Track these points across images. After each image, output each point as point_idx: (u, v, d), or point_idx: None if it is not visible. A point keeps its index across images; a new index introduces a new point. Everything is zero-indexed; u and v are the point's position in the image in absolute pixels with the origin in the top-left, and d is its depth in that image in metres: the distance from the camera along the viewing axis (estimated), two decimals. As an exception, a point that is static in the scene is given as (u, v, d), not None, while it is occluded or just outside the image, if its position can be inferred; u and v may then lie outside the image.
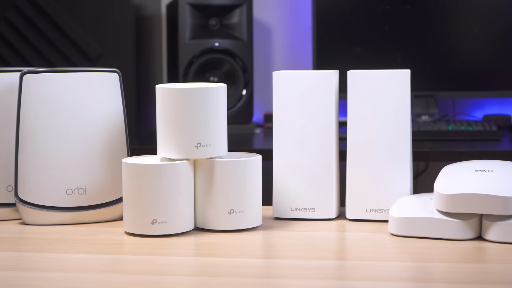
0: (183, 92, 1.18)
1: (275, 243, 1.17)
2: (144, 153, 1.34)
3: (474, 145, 2.42)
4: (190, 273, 1.04)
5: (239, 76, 2.74)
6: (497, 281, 0.98)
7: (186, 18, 2.72)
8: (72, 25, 2.55)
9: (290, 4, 2.96)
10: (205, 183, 1.20)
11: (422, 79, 2.76)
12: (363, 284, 0.98)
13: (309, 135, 1.27)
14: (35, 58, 2.57)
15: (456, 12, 2.76)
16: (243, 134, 2.71)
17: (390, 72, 1.25)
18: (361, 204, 1.26)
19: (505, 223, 1.12)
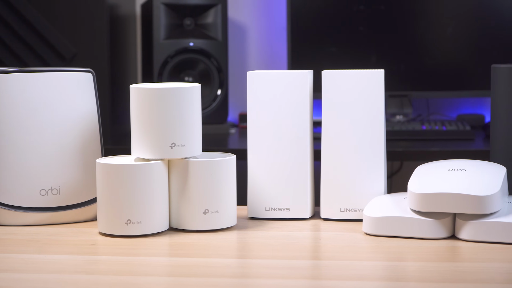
0: (157, 92, 1.18)
1: (249, 243, 1.17)
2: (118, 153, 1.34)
3: (448, 145, 2.44)
4: (164, 273, 1.04)
5: (214, 76, 2.74)
6: (470, 280, 0.98)
7: (160, 18, 2.72)
8: (46, 25, 2.54)
9: (265, 4, 2.96)
10: (180, 183, 1.20)
11: (397, 79, 2.77)
12: (337, 284, 0.98)
13: (283, 135, 1.27)
14: (8, 58, 2.55)
15: (430, 13, 2.77)
16: (218, 134, 2.71)
17: (364, 72, 1.25)
18: (336, 203, 1.26)
19: (478, 222, 1.12)
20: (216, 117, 2.75)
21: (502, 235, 1.11)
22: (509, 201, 1.17)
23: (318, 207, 1.30)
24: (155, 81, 2.70)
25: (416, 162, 1.68)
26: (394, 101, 2.78)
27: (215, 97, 2.75)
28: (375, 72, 1.25)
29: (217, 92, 2.75)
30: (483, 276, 1.00)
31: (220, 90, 2.75)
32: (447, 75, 2.77)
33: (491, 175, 1.16)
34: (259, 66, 2.96)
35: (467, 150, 2.36)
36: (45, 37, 2.54)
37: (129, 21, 2.90)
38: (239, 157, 1.35)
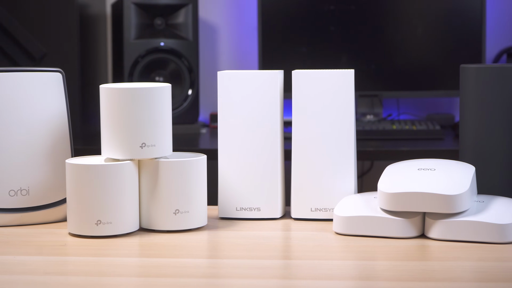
0: (127, 92, 1.18)
1: (220, 243, 1.17)
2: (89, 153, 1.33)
3: (418, 144, 2.45)
4: (134, 273, 1.04)
5: (184, 76, 2.74)
6: (439, 279, 0.99)
7: (131, 17, 2.71)
8: (16, 25, 2.52)
9: (236, 4, 2.96)
10: (150, 184, 1.19)
11: (367, 79, 2.78)
12: (308, 283, 0.98)
13: (254, 135, 1.27)
14: (-23, 58, 2.53)
15: (400, 13, 2.79)
16: (189, 134, 2.71)
17: (334, 72, 1.25)
18: (306, 203, 1.26)
19: (447, 221, 1.13)
20: (187, 117, 2.75)
21: (471, 234, 1.12)
22: (478, 200, 1.18)
23: (289, 207, 1.30)
24: (125, 81, 2.69)
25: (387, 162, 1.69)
26: (365, 101, 2.79)
27: (186, 97, 2.75)
28: (345, 72, 1.25)
29: (188, 92, 2.75)
30: (452, 274, 1.00)
31: (191, 90, 2.75)
32: (417, 75, 2.79)
33: (460, 175, 1.16)
34: (230, 66, 2.96)
35: (437, 150, 2.38)
36: (15, 36, 2.52)
37: (100, 20, 2.89)
38: (210, 157, 1.35)
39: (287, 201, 1.31)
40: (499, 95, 1.23)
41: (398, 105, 2.91)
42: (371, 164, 2.87)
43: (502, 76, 1.23)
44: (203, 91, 2.88)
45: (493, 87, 1.23)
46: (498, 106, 1.23)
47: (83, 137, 2.58)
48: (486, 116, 1.23)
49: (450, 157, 1.29)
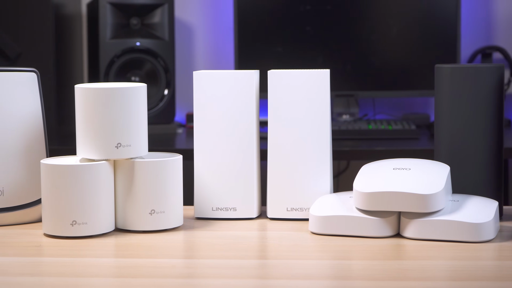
0: (102, 92, 1.18)
1: (196, 243, 1.17)
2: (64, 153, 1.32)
3: (394, 144, 2.46)
4: (110, 274, 1.03)
5: (160, 75, 2.73)
6: (414, 278, 0.99)
7: (107, 17, 2.70)
8: (-10, 24, 2.51)
9: (212, 4, 2.96)
10: (126, 184, 1.19)
11: (343, 78, 2.79)
12: (284, 283, 0.99)
13: (230, 135, 1.27)
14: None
15: (375, 13, 2.80)
16: (165, 134, 2.70)
17: (310, 72, 1.26)
18: (282, 203, 1.27)
19: (422, 220, 1.14)
20: (163, 117, 2.74)
21: (446, 233, 1.13)
22: (453, 200, 1.18)
23: (265, 207, 1.30)
24: (101, 81, 2.68)
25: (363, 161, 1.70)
26: (341, 100, 2.80)
27: (162, 97, 2.74)
28: (321, 72, 1.26)
29: (164, 92, 2.74)
30: (427, 273, 1.01)
31: (167, 90, 2.74)
32: (393, 75, 2.80)
33: (435, 174, 1.17)
34: (206, 66, 2.96)
35: (412, 149, 2.39)
36: (-11, 36, 2.51)
37: (75, 20, 2.87)
38: (186, 157, 1.35)
39: (263, 201, 1.32)
40: (474, 95, 1.24)
41: (374, 105, 2.92)
42: (347, 163, 2.88)
43: (476, 76, 1.24)
44: (179, 91, 2.87)
45: (468, 87, 1.24)
46: (473, 106, 1.24)
47: (58, 137, 2.57)
48: (461, 116, 1.24)
49: (425, 157, 1.30)
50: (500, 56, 2.88)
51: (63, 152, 1.73)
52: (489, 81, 1.24)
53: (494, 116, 1.24)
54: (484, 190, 1.24)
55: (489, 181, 1.25)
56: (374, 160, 1.26)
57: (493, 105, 1.24)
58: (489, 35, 2.92)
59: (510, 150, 1.27)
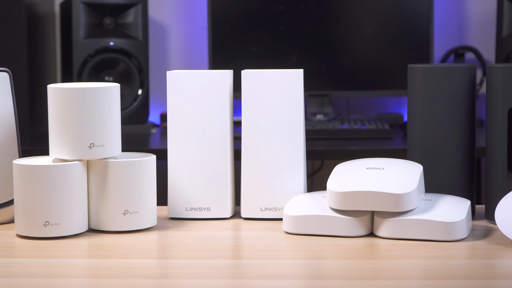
0: (74, 92, 1.17)
1: (170, 243, 1.17)
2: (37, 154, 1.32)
3: (368, 143, 2.47)
4: (83, 275, 1.03)
5: (134, 75, 2.72)
6: (388, 277, 1.00)
7: (80, 17, 2.69)
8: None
9: (186, 3, 2.96)
10: (99, 184, 1.19)
11: (317, 78, 2.79)
12: (257, 283, 0.99)
13: (203, 135, 1.27)
14: None
15: (349, 13, 2.80)
16: (139, 134, 2.69)
17: (284, 72, 1.26)
18: (256, 203, 1.27)
19: (395, 220, 1.14)
20: (137, 117, 2.74)
21: (419, 232, 1.13)
22: (426, 199, 1.19)
23: (239, 207, 1.30)
24: (74, 81, 2.67)
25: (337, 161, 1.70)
26: (315, 100, 2.81)
27: (135, 97, 2.73)
28: (295, 72, 1.26)
29: (137, 92, 2.73)
30: (400, 272, 1.01)
31: (141, 90, 2.73)
32: (366, 75, 2.81)
33: (408, 174, 1.17)
34: (180, 66, 2.95)
35: (386, 149, 2.40)
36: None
37: (48, 20, 2.86)
38: (160, 157, 1.34)
39: (237, 201, 1.32)
40: (446, 94, 1.24)
41: (348, 105, 2.92)
42: (322, 163, 2.89)
43: (449, 76, 1.24)
44: (153, 91, 2.86)
45: (440, 86, 1.24)
46: (445, 105, 1.24)
47: (31, 137, 2.55)
48: (433, 115, 1.25)
49: (399, 156, 1.30)
50: (472, 56, 2.90)
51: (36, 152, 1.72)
52: (461, 81, 1.25)
53: (466, 116, 1.25)
54: (457, 189, 1.25)
55: (461, 181, 1.26)
56: (348, 160, 1.27)
57: (466, 104, 1.25)
58: (462, 35, 2.94)
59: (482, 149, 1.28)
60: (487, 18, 2.90)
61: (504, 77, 1.21)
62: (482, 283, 0.97)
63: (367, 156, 2.24)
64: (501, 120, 1.21)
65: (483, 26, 2.92)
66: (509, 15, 2.72)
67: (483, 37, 2.91)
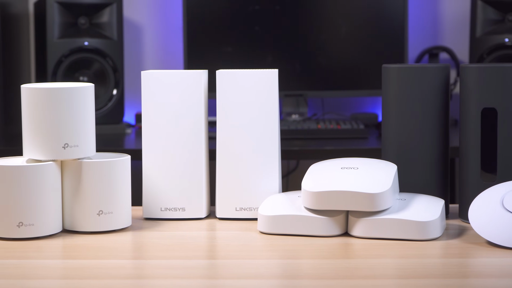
0: (48, 92, 1.16)
1: (144, 243, 1.16)
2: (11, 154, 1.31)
3: (343, 143, 2.47)
4: (58, 276, 1.02)
5: (109, 75, 2.72)
6: (362, 276, 1.00)
7: (54, 16, 2.67)
8: None
9: (161, 3, 2.95)
10: (73, 184, 1.18)
11: (292, 78, 2.79)
12: (233, 283, 0.99)
13: (178, 135, 1.27)
14: None
15: (324, 13, 2.81)
16: (114, 134, 2.68)
17: (258, 72, 1.26)
18: (231, 203, 1.27)
19: (370, 219, 1.15)
20: (112, 117, 2.73)
21: (393, 232, 1.14)
22: (400, 198, 1.19)
23: (214, 207, 1.30)
24: (49, 81, 2.66)
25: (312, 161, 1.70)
26: (290, 100, 2.81)
27: (110, 97, 2.72)
28: (269, 72, 1.26)
29: (112, 92, 2.72)
30: (374, 272, 1.02)
31: (115, 90, 2.73)
32: (341, 75, 2.82)
33: (382, 173, 1.18)
34: (155, 66, 2.94)
35: (361, 149, 2.41)
36: None
37: (22, 19, 2.84)
38: (135, 157, 1.34)
39: (212, 201, 1.31)
40: (420, 94, 1.25)
41: (323, 105, 2.93)
42: (297, 163, 2.89)
43: (422, 76, 1.25)
44: (128, 91, 2.86)
45: (414, 86, 1.25)
46: (419, 105, 1.25)
47: (5, 138, 2.54)
48: (408, 115, 1.25)
49: (374, 156, 1.31)
50: (447, 56, 2.91)
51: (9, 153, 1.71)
52: (435, 81, 1.25)
53: (440, 116, 1.26)
54: (431, 189, 1.26)
55: (435, 180, 1.26)
56: (324, 160, 1.27)
57: (439, 104, 1.26)
58: (436, 36, 2.95)
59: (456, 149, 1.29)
60: (461, 18, 2.92)
61: (477, 77, 1.22)
62: (455, 282, 0.98)
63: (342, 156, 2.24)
64: (474, 120, 1.22)
65: (457, 26, 2.94)
66: (482, 15, 2.74)
67: (457, 37, 2.93)
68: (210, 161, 1.30)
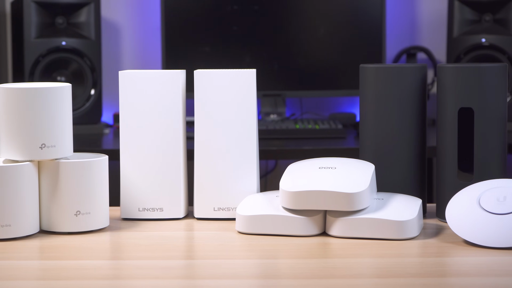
0: (25, 92, 1.16)
1: (122, 244, 1.16)
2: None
3: (321, 143, 2.48)
4: (35, 277, 1.02)
5: (87, 75, 2.71)
6: (339, 276, 1.00)
7: (31, 16, 2.66)
8: None
9: (139, 3, 2.94)
10: (50, 185, 1.18)
11: (271, 78, 2.80)
12: (211, 283, 0.99)
13: (156, 135, 1.26)
14: None
15: (302, 13, 2.81)
16: (92, 135, 2.68)
17: (236, 72, 1.26)
18: (209, 203, 1.27)
19: (347, 219, 1.15)
20: (90, 117, 2.72)
21: (371, 231, 1.14)
22: (378, 198, 1.20)
23: (192, 207, 1.30)
24: (26, 81, 2.64)
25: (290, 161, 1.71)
26: (268, 100, 2.81)
27: (88, 97, 2.71)
28: (247, 72, 1.26)
29: (90, 92, 2.72)
30: (352, 271, 1.02)
31: (93, 90, 2.72)
32: (319, 75, 2.82)
33: (360, 173, 1.18)
34: (133, 66, 2.94)
35: (339, 148, 2.41)
36: None
37: (-1, 19, 2.83)
38: (113, 158, 1.34)
39: (191, 201, 1.31)
40: (397, 94, 1.25)
41: (301, 105, 2.93)
42: (275, 163, 2.90)
43: (400, 75, 1.25)
44: (106, 91, 2.85)
45: (391, 86, 1.25)
46: (397, 105, 1.25)
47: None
48: (385, 115, 1.26)
49: (352, 156, 1.31)
50: (424, 56, 2.92)
51: (-14, 153, 1.71)
52: (412, 81, 1.26)
53: (417, 115, 1.26)
54: (408, 188, 1.26)
55: (413, 180, 1.27)
56: (302, 159, 1.27)
57: (417, 104, 1.26)
58: (414, 36, 2.97)
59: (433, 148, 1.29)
60: (438, 19, 2.93)
61: (454, 77, 1.22)
62: (433, 281, 0.98)
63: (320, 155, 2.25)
64: (451, 119, 1.23)
65: (435, 26, 2.95)
66: (459, 16, 2.75)
67: (435, 37, 2.94)
68: (188, 161, 1.30)
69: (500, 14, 2.74)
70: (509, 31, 2.71)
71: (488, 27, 2.73)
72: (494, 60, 2.69)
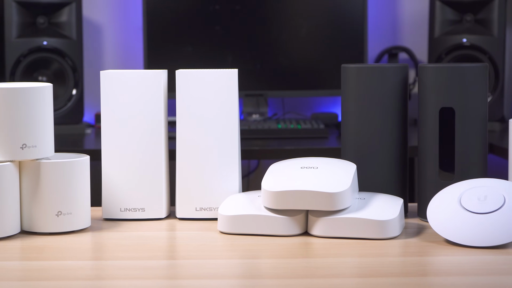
0: (5, 92, 1.15)
1: (104, 244, 1.16)
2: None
3: (303, 143, 2.48)
4: (16, 277, 1.01)
5: (68, 75, 2.70)
6: (321, 275, 1.00)
7: (12, 15, 2.65)
8: None
9: (121, 3, 2.94)
10: (31, 185, 1.17)
11: (253, 78, 2.80)
12: (192, 283, 0.99)
13: (137, 135, 1.26)
14: None
15: (285, 13, 2.82)
16: (73, 135, 2.67)
17: (218, 72, 1.26)
18: (191, 203, 1.26)
19: (329, 218, 1.15)
20: (71, 117, 2.71)
21: (353, 231, 1.14)
22: (359, 197, 1.20)
23: (174, 207, 1.30)
24: (7, 81, 2.63)
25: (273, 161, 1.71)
26: (250, 100, 2.81)
27: (70, 97, 2.71)
28: (229, 72, 1.26)
29: (72, 92, 2.71)
30: (334, 271, 1.02)
31: (75, 89, 2.71)
32: (301, 75, 2.82)
33: (342, 172, 1.18)
34: (115, 66, 2.93)
35: (321, 148, 2.42)
36: None
37: (-20, 19, 2.81)
38: (95, 158, 1.33)
39: (172, 201, 1.31)
40: (379, 94, 1.26)
41: (283, 105, 2.94)
42: (258, 163, 2.90)
43: (381, 75, 1.26)
44: (88, 91, 2.84)
45: (373, 86, 1.26)
46: (378, 105, 1.26)
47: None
48: (367, 115, 1.26)
49: (334, 156, 1.31)
50: (406, 56, 2.93)
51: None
52: (393, 81, 1.26)
53: (399, 115, 1.27)
54: (390, 188, 1.27)
55: (394, 179, 1.27)
56: (284, 159, 1.27)
57: (398, 104, 1.26)
58: (395, 36, 2.98)
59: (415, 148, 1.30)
60: (420, 19, 2.94)
61: (435, 77, 1.23)
62: (414, 280, 0.98)
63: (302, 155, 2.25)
64: (432, 119, 1.23)
65: (416, 26, 2.96)
66: (441, 16, 2.76)
67: (416, 37, 2.95)
68: (170, 161, 1.30)
69: (481, 14, 2.75)
70: (490, 31, 2.73)
71: (469, 27, 2.75)
72: (475, 60, 2.70)
